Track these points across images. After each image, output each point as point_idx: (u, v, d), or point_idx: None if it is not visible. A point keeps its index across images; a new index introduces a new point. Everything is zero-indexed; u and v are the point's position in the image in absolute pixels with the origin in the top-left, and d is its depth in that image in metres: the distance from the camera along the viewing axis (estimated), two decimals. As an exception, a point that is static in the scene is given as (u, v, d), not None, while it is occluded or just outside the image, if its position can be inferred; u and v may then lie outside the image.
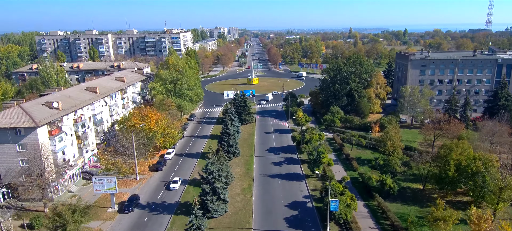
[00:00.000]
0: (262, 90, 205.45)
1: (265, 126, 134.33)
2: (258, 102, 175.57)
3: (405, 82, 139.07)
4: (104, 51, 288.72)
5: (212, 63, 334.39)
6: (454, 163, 65.63)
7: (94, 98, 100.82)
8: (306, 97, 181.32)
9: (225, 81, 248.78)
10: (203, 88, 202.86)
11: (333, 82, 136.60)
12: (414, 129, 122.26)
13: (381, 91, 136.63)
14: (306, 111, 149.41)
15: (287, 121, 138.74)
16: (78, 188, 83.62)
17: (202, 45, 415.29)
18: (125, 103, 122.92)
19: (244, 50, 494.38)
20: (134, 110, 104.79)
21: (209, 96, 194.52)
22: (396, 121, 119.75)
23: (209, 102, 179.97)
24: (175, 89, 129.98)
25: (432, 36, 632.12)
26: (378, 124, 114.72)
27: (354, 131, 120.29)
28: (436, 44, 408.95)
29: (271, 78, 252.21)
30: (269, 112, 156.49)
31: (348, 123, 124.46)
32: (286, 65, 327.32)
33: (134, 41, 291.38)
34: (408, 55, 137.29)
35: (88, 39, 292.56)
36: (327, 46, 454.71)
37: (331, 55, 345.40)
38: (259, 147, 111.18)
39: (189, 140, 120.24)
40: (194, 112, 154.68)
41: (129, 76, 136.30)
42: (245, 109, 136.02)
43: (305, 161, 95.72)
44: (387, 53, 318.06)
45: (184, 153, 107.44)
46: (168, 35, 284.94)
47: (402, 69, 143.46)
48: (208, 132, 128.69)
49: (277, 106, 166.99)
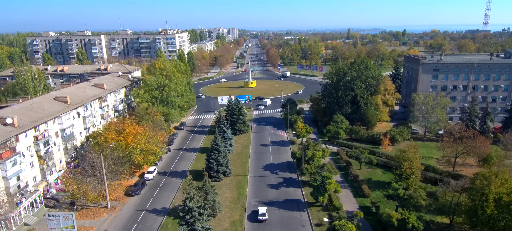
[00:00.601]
0: (260, 94, 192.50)
1: (261, 137, 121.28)
2: (255, 108, 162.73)
3: (415, 88, 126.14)
4: (97, 53, 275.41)
5: (209, 64, 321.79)
6: (493, 197, 52.64)
7: (63, 110, 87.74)
8: (306, 102, 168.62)
9: (221, 84, 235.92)
10: (197, 92, 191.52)
11: (336, 88, 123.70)
12: (428, 141, 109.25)
13: (389, 98, 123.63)
14: (307, 120, 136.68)
15: (286, 131, 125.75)
16: (38, 218, 70.44)
17: (200, 46, 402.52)
18: (105, 113, 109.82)
19: (242, 50, 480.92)
20: (109, 124, 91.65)
21: (202, 101, 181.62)
22: (408, 133, 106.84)
23: (202, 108, 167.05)
24: (162, 97, 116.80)
25: (431, 37, 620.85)
26: (389, 137, 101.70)
27: (361, 143, 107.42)
28: (437, 45, 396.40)
29: (270, 81, 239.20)
30: (267, 120, 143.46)
31: (353, 134, 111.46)
32: (285, 67, 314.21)
33: (128, 42, 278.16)
34: (419, 59, 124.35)
35: (81, 40, 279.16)
36: (326, 47, 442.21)
37: (331, 57, 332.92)
38: (254, 163, 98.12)
39: (176, 154, 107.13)
40: (185, 120, 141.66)
41: (112, 81, 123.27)
42: (240, 118, 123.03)
43: (307, 182, 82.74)
44: (388, 55, 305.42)
45: (168, 171, 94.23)
46: (163, 36, 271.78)
47: (411, 74, 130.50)
48: (198, 144, 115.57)
49: (275, 113, 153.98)
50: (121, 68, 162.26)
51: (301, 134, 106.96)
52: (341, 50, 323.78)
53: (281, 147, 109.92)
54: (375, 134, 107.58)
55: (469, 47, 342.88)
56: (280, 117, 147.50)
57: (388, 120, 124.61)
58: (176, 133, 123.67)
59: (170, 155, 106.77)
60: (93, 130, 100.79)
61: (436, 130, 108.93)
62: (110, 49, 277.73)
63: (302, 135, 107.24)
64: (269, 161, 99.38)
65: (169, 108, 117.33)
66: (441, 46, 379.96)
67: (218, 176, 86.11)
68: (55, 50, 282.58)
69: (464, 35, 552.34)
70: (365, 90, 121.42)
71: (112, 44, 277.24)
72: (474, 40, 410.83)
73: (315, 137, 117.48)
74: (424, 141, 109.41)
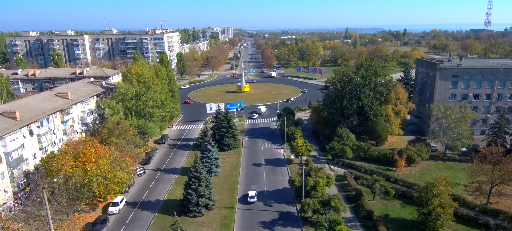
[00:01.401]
0: (254, 100, 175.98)
1: (254, 153, 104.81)
2: (248, 116, 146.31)
3: (431, 96, 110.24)
4: (80, 54, 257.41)
5: (201, 66, 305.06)
6: None
7: (9, 128, 70.90)
8: (305, 109, 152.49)
9: (212, 87, 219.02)
10: (185, 98, 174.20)
11: (341, 96, 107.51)
12: (450, 161, 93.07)
13: (401, 109, 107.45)
14: (306, 131, 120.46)
15: (283, 146, 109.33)
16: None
17: (192, 46, 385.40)
18: (69, 128, 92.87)
19: (237, 51, 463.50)
20: (66, 145, 74.74)
21: (190, 108, 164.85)
22: (426, 151, 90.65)
23: (189, 116, 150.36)
24: (138, 108, 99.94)
25: (433, 37, 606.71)
26: (405, 156, 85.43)
27: (371, 163, 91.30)
28: (441, 45, 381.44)
29: (265, 85, 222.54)
30: (261, 131, 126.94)
31: (361, 152, 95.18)
32: (281, 68, 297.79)
33: (114, 42, 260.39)
34: (436, 63, 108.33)
35: (63, 41, 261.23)
36: (325, 47, 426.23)
37: (330, 58, 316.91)
38: (244, 189, 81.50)
39: (152, 176, 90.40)
40: (167, 133, 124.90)
41: (81, 89, 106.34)
42: (229, 132, 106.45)
43: (309, 220, 66.31)
44: (390, 55, 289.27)
45: (139, 202, 77.39)
46: (151, 35, 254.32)
47: (426, 80, 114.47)
48: (180, 162, 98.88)
49: (270, 123, 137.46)
50: (99, 72, 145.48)
51: (300, 152, 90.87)
52: (341, 50, 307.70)
53: (276, 168, 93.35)
54: (387, 152, 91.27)
55: (475, 48, 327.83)
56: (276, 127, 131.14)
57: (400, 134, 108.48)
58: (155, 149, 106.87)
59: (146, 177, 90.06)
60: (55, 149, 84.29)
61: (460, 148, 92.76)
62: (94, 50, 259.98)
63: (301, 154, 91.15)
64: (262, 186, 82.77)
65: (146, 121, 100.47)
66: (446, 46, 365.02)
67: (199, 210, 69.51)
68: (35, 51, 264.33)
69: (467, 35, 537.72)
70: (373, 100, 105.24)
71: (96, 45, 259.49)
72: (479, 40, 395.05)
73: (317, 153, 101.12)
74: (445, 161, 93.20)
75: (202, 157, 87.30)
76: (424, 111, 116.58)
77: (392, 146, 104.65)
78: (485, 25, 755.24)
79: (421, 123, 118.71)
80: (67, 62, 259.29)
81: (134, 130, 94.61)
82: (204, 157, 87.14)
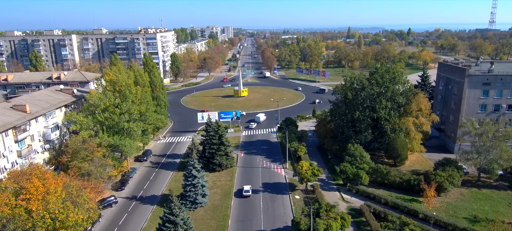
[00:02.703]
0: (252, 107, 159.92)
1: (250, 175, 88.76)
2: (245, 126, 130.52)
3: (457, 107, 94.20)
4: (67, 55, 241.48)
5: (197, 67, 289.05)
6: None
7: None
8: (308, 117, 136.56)
9: (208, 91, 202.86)
10: (176, 104, 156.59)
11: (351, 106, 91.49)
12: (486, 188, 76.85)
13: (423, 122, 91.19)
14: (311, 145, 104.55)
15: (284, 165, 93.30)
16: None
17: (189, 46, 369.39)
18: (25, 149, 76.81)
19: (235, 51, 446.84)
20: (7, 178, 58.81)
21: (182, 116, 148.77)
22: (459, 177, 74.40)
23: (179, 126, 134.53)
24: (112, 122, 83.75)
25: (438, 36, 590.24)
26: (434, 185, 69.26)
27: (392, 191, 75.34)
28: (450, 45, 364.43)
29: (265, 88, 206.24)
30: (259, 145, 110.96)
31: (379, 176, 78.98)
32: (282, 70, 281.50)
33: (103, 42, 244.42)
34: (464, 68, 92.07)
35: (49, 41, 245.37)
36: (327, 47, 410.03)
37: (333, 58, 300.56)
38: (236, 228, 65.57)
39: (124, 207, 74.36)
40: (150, 147, 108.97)
41: (45, 100, 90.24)
42: (221, 149, 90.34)
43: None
44: (397, 56, 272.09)
45: (103, 247, 61.59)
46: (143, 35, 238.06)
47: (451, 88, 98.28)
48: (161, 187, 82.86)
49: (269, 134, 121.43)
50: (79, 77, 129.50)
51: (305, 177, 74.85)
52: (345, 51, 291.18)
53: (276, 196, 77.22)
54: (412, 178, 75.04)
55: (485, 48, 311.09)
56: (276, 140, 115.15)
57: (422, 151, 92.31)
58: (133, 170, 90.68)
59: (116, 208, 74.09)
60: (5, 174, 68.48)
61: (497, 172, 76.59)
62: (82, 50, 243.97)
63: (307, 179, 75.17)
64: (258, 224, 66.66)
65: (122, 137, 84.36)
66: (455, 47, 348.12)
67: (175, 264, 53.49)
68: (21, 52, 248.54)
69: (473, 35, 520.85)
70: (391, 111, 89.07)
71: (85, 45, 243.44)
72: (489, 40, 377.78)
73: (325, 176, 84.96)
74: (480, 188, 76.96)
75: (186, 185, 71.44)
76: (448, 123, 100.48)
77: (413, 166, 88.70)
78: (489, 25, 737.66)
79: (444, 137, 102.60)
80: (53, 64, 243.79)
81: (104, 150, 78.63)
82: (187, 185, 71.26)
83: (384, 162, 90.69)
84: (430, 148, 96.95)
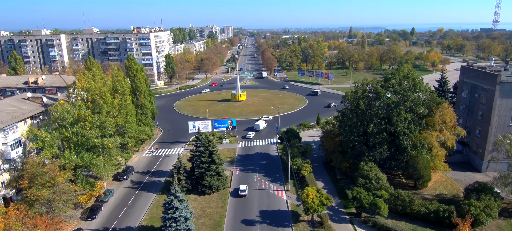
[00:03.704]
0: (250, 112, 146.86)
1: (246, 199, 75.54)
2: (242, 136, 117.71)
3: (486, 118, 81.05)
4: (55, 56, 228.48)
5: (194, 68, 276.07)
6: None
7: None
8: (312, 126, 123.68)
9: (204, 95, 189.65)
10: (168, 108, 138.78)
11: (364, 118, 78.53)
12: (530, 219, 63.78)
13: (448, 137, 78.00)
14: (317, 162, 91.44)
15: (285, 186, 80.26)
16: None
17: (186, 46, 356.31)
18: (-27, 170, 63.80)
19: (235, 52, 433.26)
20: None
21: (173, 123, 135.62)
22: (497, 207, 61.19)
23: (170, 135, 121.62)
24: (82, 138, 70.69)
25: (441, 36, 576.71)
26: (470, 219, 56.15)
27: (416, 224, 62.23)
28: (457, 45, 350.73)
29: (264, 91, 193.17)
30: (257, 159, 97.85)
31: (400, 204, 65.73)
32: (283, 71, 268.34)
33: (94, 42, 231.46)
34: (494, 74, 78.85)
35: (37, 41, 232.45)
36: (329, 47, 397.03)
37: (336, 59, 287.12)
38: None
39: (94, 244, 61.39)
40: (132, 163, 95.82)
41: (6, 111, 77.10)
42: (212, 168, 77.24)
43: None
44: (404, 57, 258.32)
45: None
46: (135, 35, 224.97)
47: (478, 96, 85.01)
48: (139, 216, 69.67)
49: (269, 146, 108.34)
50: (58, 81, 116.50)
51: (311, 207, 61.81)
52: (349, 52, 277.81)
53: (277, 230, 64.08)
54: (440, 209, 61.79)
55: (494, 49, 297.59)
56: (276, 153, 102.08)
57: (446, 170, 79.15)
58: (108, 193, 77.40)
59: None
60: None
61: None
62: (72, 51, 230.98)
63: (314, 209, 62.12)
64: (254, 271, 53.63)
65: (93, 155, 71.26)
66: (462, 47, 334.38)
67: None
68: (7, 53, 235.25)
69: (479, 35, 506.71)
70: (411, 124, 75.92)
71: (74, 46, 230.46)
72: (496, 40, 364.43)
73: (334, 203, 71.67)
74: (521, 218, 63.90)
75: (165, 218, 58.25)
76: (473, 136, 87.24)
77: (437, 188, 75.62)
78: (493, 24, 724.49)
79: (468, 152, 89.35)
80: (41, 65, 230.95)
81: (70, 173, 65.59)
82: (167, 219, 57.99)
83: (403, 184, 77.72)
84: (453, 164, 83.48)
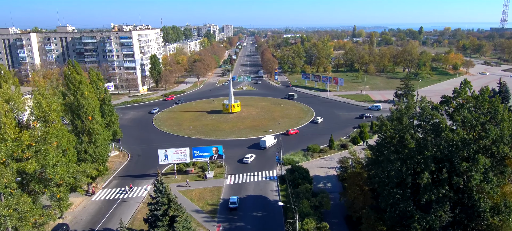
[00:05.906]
0: (245, 129, 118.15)
1: None
2: (238, 160, 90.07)
3: None
4: (25, 57, 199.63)
5: (185, 70, 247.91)
6: None
7: None
8: (324, 151, 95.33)
9: (191, 104, 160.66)
10: (146, 123, 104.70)
11: (413, 162, 50.12)
12: None
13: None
14: (336, 216, 63.09)
15: (291, 265, 51.70)
16: None
17: (180, 46, 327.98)
18: None
19: (232, 52, 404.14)
20: None
21: (147, 144, 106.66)
22: None
23: (137, 164, 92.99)
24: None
25: (451, 35, 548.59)
26: None
27: None
28: (474, 46, 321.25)
29: (263, 100, 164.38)
30: (249, 207, 69.20)
31: None
32: (284, 75, 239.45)
33: (69, 42, 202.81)
34: None
35: (4, 41, 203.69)
36: (334, 47, 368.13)
37: (344, 61, 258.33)
38: None
39: None
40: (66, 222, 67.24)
41: None
42: (176, 242, 48.68)
43: None
44: (421, 59, 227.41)
45: None
46: (116, 33, 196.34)
47: None
48: None
49: (267, 184, 79.54)
50: None
51: None
52: (357, 52, 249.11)
53: None
54: None
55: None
56: (277, 196, 73.33)
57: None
58: None
59: None
60: None
61: None
62: (44, 52, 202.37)
63: None
64: None
65: None
66: (480, 47, 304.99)
67: None
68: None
69: (490, 34, 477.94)
70: (489, 173, 47.32)
71: (47, 46, 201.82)
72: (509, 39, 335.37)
73: None
74: None
75: None
76: None
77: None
78: (501, 23, 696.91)
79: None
80: (9, 68, 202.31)
81: None
82: None
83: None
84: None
